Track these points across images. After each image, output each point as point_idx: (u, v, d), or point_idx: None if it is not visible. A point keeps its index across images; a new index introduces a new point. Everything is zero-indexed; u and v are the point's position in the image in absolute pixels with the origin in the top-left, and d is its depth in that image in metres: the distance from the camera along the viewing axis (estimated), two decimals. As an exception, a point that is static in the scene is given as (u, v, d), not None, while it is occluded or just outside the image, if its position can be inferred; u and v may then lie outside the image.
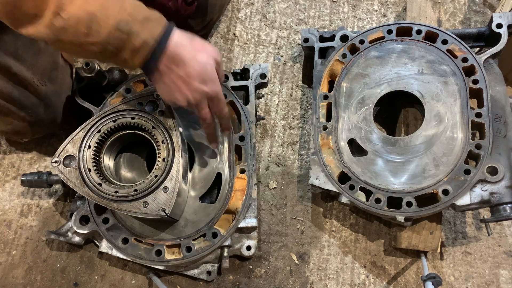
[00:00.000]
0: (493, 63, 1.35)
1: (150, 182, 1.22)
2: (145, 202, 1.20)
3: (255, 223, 1.34)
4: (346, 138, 1.37)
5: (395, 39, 1.43)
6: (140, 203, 1.20)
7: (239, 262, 1.45)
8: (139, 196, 1.21)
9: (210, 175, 1.38)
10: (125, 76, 1.49)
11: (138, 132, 1.30)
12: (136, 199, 1.21)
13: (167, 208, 1.19)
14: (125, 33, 0.96)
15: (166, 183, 1.22)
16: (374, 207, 1.28)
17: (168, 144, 1.26)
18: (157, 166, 1.24)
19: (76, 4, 0.91)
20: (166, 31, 1.03)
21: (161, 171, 1.23)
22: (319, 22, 1.74)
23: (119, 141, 1.35)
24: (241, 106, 1.44)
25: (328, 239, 1.47)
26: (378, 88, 1.39)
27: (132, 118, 1.28)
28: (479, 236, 1.43)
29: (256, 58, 1.71)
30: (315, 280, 1.42)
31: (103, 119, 1.28)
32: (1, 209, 1.55)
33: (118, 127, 1.29)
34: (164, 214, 1.19)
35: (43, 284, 1.45)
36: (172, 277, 1.44)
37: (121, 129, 1.31)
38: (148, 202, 1.20)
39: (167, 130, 1.27)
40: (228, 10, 1.78)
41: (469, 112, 1.30)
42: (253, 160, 1.39)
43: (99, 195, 1.22)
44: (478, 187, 1.23)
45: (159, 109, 1.28)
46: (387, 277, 1.41)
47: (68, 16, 0.90)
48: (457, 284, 1.39)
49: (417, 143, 1.31)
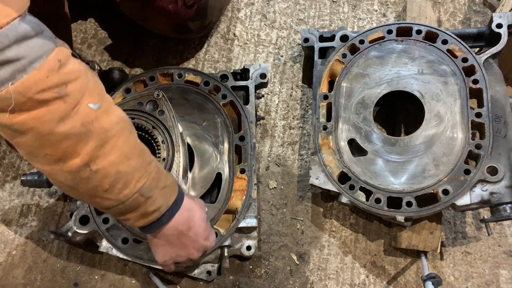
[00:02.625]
0: (493, 63, 1.35)
1: None
2: None
3: (255, 223, 1.34)
4: (346, 138, 1.37)
5: (395, 39, 1.43)
6: None
7: (239, 262, 1.45)
8: None
9: (210, 175, 1.38)
10: (125, 76, 1.49)
11: (138, 132, 1.30)
12: None
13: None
14: (144, 197, 0.92)
15: None
16: (374, 207, 1.28)
17: (168, 144, 1.26)
18: None
19: (108, 160, 0.85)
20: (177, 197, 1.01)
21: None
22: (319, 22, 1.74)
23: None
24: (241, 106, 1.44)
25: (328, 239, 1.47)
26: (378, 88, 1.39)
27: (132, 118, 1.28)
28: (479, 236, 1.43)
29: (256, 58, 1.71)
30: (315, 280, 1.42)
31: None
32: (1, 209, 1.55)
33: None
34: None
35: (43, 284, 1.45)
36: (172, 277, 1.44)
37: None
38: None
39: (167, 130, 1.27)
40: (228, 10, 1.78)
41: (469, 112, 1.30)
42: (253, 160, 1.39)
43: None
44: (478, 187, 1.23)
45: (159, 109, 1.28)
46: (387, 277, 1.41)
47: (97, 169, 0.84)
48: (457, 284, 1.39)
49: (417, 143, 1.31)
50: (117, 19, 1.74)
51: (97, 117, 0.83)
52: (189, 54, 1.73)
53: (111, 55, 1.74)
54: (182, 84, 1.47)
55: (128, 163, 0.88)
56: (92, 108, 0.82)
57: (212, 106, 1.44)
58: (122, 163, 0.87)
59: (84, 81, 0.83)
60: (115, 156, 0.86)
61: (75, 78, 0.81)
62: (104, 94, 0.88)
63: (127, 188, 0.89)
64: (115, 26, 1.78)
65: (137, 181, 0.90)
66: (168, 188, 0.98)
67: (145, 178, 0.91)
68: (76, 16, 1.79)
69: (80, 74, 0.82)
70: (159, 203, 0.95)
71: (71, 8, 1.43)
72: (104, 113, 0.85)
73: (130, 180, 0.89)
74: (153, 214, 0.96)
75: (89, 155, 0.83)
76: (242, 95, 1.49)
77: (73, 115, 0.80)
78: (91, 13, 1.81)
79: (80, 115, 0.81)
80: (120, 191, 0.88)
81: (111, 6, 1.58)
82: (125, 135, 0.88)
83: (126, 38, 1.76)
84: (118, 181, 0.87)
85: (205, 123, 1.43)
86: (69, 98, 0.79)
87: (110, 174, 0.86)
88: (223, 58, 1.72)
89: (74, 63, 0.82)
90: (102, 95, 0.87)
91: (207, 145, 1.41)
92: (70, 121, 0.80)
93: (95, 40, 1.77)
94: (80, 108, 0.81)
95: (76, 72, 0.81)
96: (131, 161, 0.88)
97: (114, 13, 1.67)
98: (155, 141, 1.27)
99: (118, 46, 1.76)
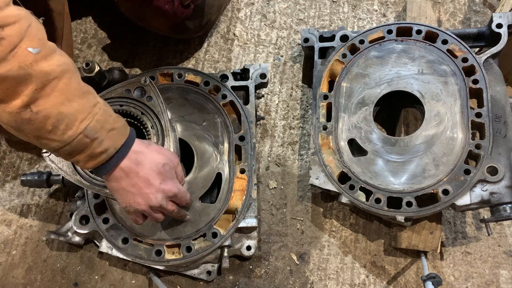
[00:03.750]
0: (493, 63, 1.35)
1: None
2: None
3: (255, 223, 1.34)
4: (346, 138, 1.37)
5: (395, 39, 1.43)
6: None
7: (239, 262, 1.45)
8: None
9: (210, 175, 1.38)
10: (125, 76, 1.50)
11: (127, 119, 1.30)
12: None
13: None
14: (89, 139, 0.94)
15: None
16: (374, 207, 1.28)
17: (157, 129, 1.26)
18: None
19: (50, 102, 0.88)
20: (127, 141, 1.03)
21: None
22: (319, 22, 1.74)
23: None
24: (241, 106, 1.44)
25: (328, 239, 1.47)
26: (378, 88, 1.39)
27: (121, 105, 1.29)
28: (479, 236, 1.43)
29: (256, 58, 1.71)
30: (315, 280, 1.42)
31: None
32: (1, 209, 1.55)
33: None
34: None
35: (43, 284, 1.45)
36: (172, 277, 1.44)
37: None
38: None
39: (156, 115, 1.27)
40: (228, 10, 1.78)
41: (469, 112, 1.30)
42: (253, 160, 1.39)
43: (91, 182, 1.22)
44: (478, 187, 1.23)
45: (147, 95, 1.28)
46: (387, 277, 1.41)
47: (37, 110, 0.87)
48: (457, 284, 1.39)
49: (417, 143, 1.31)
50: (117, 19, 1.74)
51: (36, 61, 0.86)
52: (189, 54, 1.74)
53: (111, 55, 1.75)
54: (182, 84, 1.47)
55: (70, 105, 0.91)
56: (31, 52, 0.85)
57: (212, 106, 1.44)
58: (63, 105, 0.90)
59: (24, 25, 0.86)
60: (55, 98, 0.89)
61: (13, 22, 0.83)
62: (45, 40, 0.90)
63: (70, 129, 0.91)
64: (115, 26, 1.78)
65: (80, 122, 0.92)
66: (116, 131, 1.00)
67: (88, 120, 0.93)
68: (76, 16, 1.79)
69: (19, 18, 0.85)
70: (106, 145, 0.97)
71: (71, 8, 1.43)
72: (43, 57, 0.87)
73: (73, 121, 0.91)
74: (101, 155, 0.98)
75: (29, 97, 0.86)
76: (242, 95, 1.49)
77: (10, 58, 0.83)
78: (91, 13, 1.81)
79: (18, 58, 0.84)
80: (64, 132, 0.91)
81: (111, 6, 1.59)
82: (67, 77, 0.91)
83: (126, 38, 1.76)
84: (60, 122, 0.90)
85: (205, 123, 1.43)
86: (5, 41, 0.82)
87: (51, 115, 0.89)
88: (223, 58, 1.72)
89: (13, 8, 0.85)
90: (44, 40, 0.90)
91: (207, 145, 1.41)
92: (7, 64, 0.83)
93: (95, 40, 1.77)
94: (18, 52, 0.84)
95: (14, 17, 0.84)
96: (73, 103, 0.91)
97: (114, 13, 1.67)
98: (145, 127, 1.27)
99: (118, 46, 1.76)
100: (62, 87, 0.90)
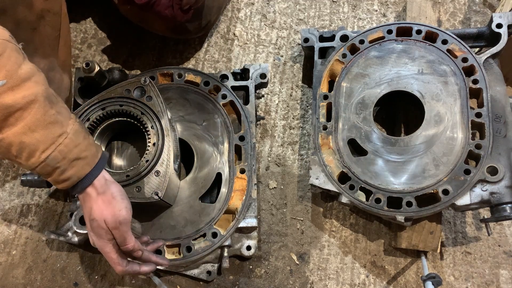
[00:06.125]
0: (493, 63, 1.35)
1: (142, 167, 1.23)
2: (138, 187, 1.21)
3: (255, 223, 1.34)
4: (346, 138, 1.37)
5: (395, 39, 1.43)
6: (133, 188, 1.21)
7: (239, 262, 1.45)
8: (131, 181, 1.22)
9: (210, 175, 1.38)
10: (125, 76, 1.50)
11: (127, 119, 1.31)
12: (129, 184, 1.22)
13: (160, 191, 1.20)
14: (51, 167, 0.97)
15: (158, 167, 1.23)
16: (374, 207, 1.28)
17: (157, 129, 1.27)
18: (147, 151, 1.25)
19: (13, 131, 0.91)
20: (92, 171, 1.03)
21: (152, 156, 1.24)
22: (319, 22, 1.74)
23: (109, 129, 1.36)
24: (241, 106, 1.44)
25: (328, 239, 1.47)
26: (378, 88, 1.39)
27: (121, 105, 1.29)
28: (479, 236, 1.43)
29: (256, 58, 1.71)
30: (315, 280, 1.42)
31: (91, 107, 1.30)
32: (1, 209, 1.55)
33: (107, 115, 1.31)
34: (157, 198, 1.20)
35: (43, 284, 1.45)
36: (172, 277, 1.44)
37: (110, 116, 1.32)
38: (141, 186, 1.21)
39: (156, 115, 1.27)
40: (228, 10, 1.78)
41: (469, 112, 1.30)
42: (253, 160, 1.39)
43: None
44: (478, 187, 1.23)
45: (147, 95, 1.29)
46: (387, 277, 1.41)
47: (1, 137, 0.91)
48: (457, 284, 1.39)
49: (417, 143, 1.31)
50: (117, 19, 1.74)
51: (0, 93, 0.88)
52: (189, 54, 1.73)
53: (111, 55, 1.74)
54: (182, 84, 1.47)
55: (32, 135, 0.93)
56: None
57: (212, 106, 1.44)
58: (25, 134, 0.92)
59: None
60: (18, 128, 0.91)
61: None
62: (15, 70, 0.90)
63: (33, 157, 0.95)
64: (115, 26, 1.78)
65: (41, 152, 0.94)
66: (82, 161, 1.01)
67: (50, 150, 0.95)
68: (76, 16, 1.79)
69: None
70: (68, 174, 0.99)
71: (72, 8, 1.43)
72: (10, 89, 0.89)
73: (34, 151, 0.94)
74: (65, 183, 1.00)
75: None
76: (242, 95, 1.49)
77: None
78: (91, 13, 1.81)
79: None
80: (27, 159, 0.95)
81: (111, 7, 1.58)
82: (32, 108, 0.92)
83: (126, 38, 1.76)
84: (22, 150, 0.93)
85: (205, 123, 1.43)
86: None
87: (14, 143, 0.92)
88: (223, 58, 1.72)
89: None
90: (13, 71, 0.90)
91: (207, 145, 1.41)
92: None
93: (95, 40, 1.77)
94: None
95: None
96: (35, 133, 0.93)
97: (114, 13, 1.67)
98: (145, 127, 1.28)
99: (118, 46, 1.76)
100: (26, 117, 0.92)
